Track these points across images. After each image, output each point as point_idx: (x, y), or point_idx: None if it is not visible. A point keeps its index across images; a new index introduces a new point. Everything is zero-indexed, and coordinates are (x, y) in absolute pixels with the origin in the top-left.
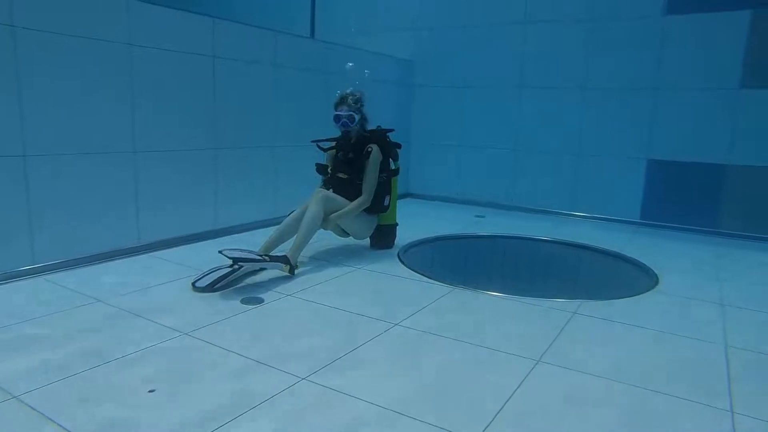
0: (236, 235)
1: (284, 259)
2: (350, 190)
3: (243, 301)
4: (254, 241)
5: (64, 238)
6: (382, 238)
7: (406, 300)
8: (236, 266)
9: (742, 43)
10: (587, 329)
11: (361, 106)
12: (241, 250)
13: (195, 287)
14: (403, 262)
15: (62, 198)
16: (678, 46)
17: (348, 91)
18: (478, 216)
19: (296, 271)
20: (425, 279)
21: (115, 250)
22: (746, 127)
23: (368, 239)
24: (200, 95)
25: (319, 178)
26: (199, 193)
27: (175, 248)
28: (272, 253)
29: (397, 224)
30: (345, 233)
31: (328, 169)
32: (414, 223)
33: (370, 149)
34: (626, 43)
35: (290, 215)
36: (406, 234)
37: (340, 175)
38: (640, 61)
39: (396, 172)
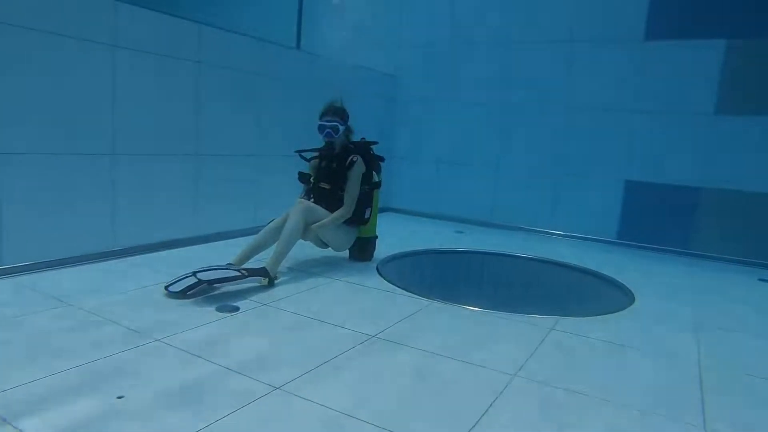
0: (216, 242)
1: (263, 272)
2: (332, 201)
3: (218, 309)
4: (233, 251)
5: (35, 239)
6: (362, 250)
7: (384, 312)
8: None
9: (717, 71)
10: (564, 345)
11: (347, 117)
12: (217, 268)
13: (168, 291)
14: (381, 275)
15: (34, 198)
16: (657, 70)
17: (334, 101)
18: (457, 232)
19: (275, 282)
20: (403, 292)
21: (88, 254)
22: (719, 151)
23: (347, 251)
24: (183, 100)
25: (301, 187)
26: (178, 199)
27: (151, 254)
28: (250, 263)
29: (376, 237)
30: (324, 244)
31: (311, 179)
32: (393, 236)
33: (354, 159)
34: (607, 66)
35: (269, 224)
36: (385, 247)
37: (323, 185)
38: (621, 83)
39: (378, 184)
